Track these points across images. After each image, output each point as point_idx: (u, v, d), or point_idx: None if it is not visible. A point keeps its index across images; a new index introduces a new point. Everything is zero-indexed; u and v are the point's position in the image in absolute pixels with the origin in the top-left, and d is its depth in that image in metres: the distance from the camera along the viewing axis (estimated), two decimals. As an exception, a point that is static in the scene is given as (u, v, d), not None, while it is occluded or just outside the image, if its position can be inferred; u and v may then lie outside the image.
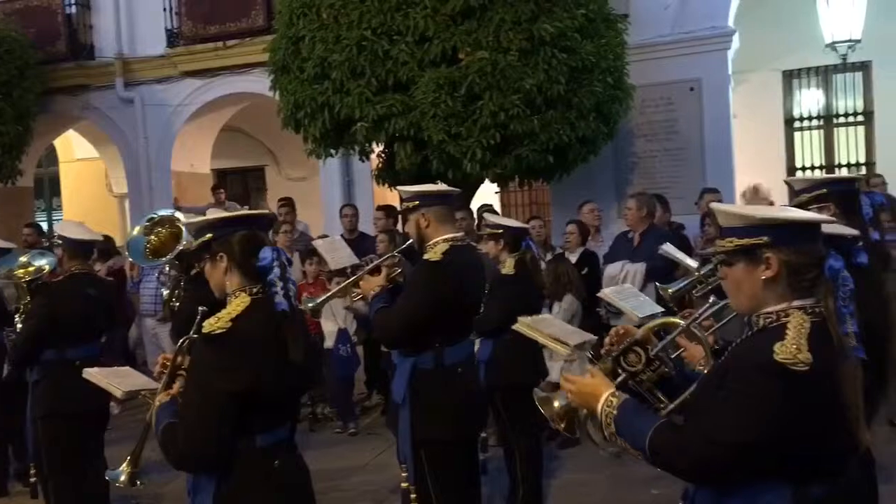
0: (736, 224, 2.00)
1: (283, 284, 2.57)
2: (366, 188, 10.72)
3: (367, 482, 5.58)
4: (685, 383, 2.19)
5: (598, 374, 2.19)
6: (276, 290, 2.55)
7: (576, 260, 6.67)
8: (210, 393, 2.44)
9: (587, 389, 2.15)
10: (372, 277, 3.75)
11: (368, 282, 3.75)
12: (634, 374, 2.24)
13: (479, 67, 7.08)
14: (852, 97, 12.16)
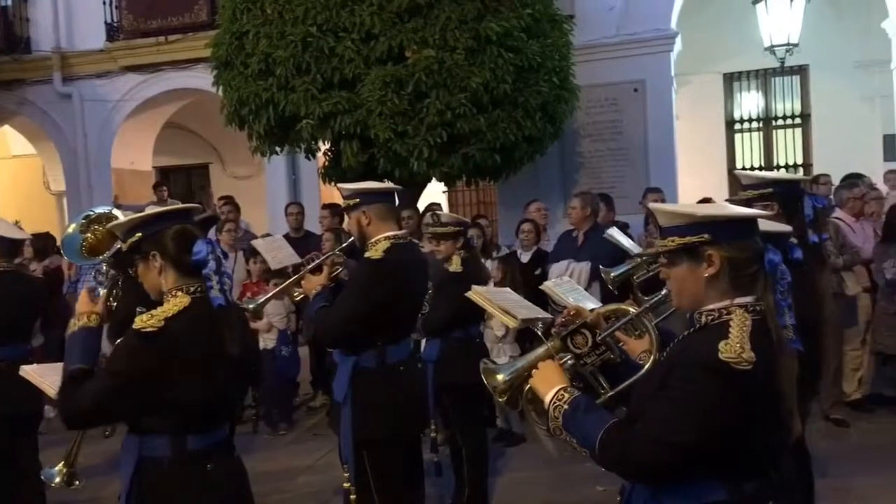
0: (677, 223, 2.00)
1: (219, 279, 2.51)
2: (312, 186, 10.62)
3: (310, 483, 5.51)
4: (629, 371, 2.20)
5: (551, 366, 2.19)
6: (211, 284, 2.49)
7: (528, 259, 6.69)
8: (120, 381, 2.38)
9: (542, 375, 2.16)
10: (313, 277, 3.70)
11: (310, 281, 3.70)
12: (580, 357, 2.26)
13: (425, 66, 7.06)
14: (790, 100, 12.50)
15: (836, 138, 11.38)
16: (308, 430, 6.80)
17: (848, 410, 6.24)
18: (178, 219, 2.59)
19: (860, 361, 6.30)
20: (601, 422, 1.97)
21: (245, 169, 13.84)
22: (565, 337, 2.26)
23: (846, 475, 5.07)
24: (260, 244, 5.56)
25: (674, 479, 1.92)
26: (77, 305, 2.73)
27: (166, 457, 2.46)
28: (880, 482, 5.00)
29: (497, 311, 2.74)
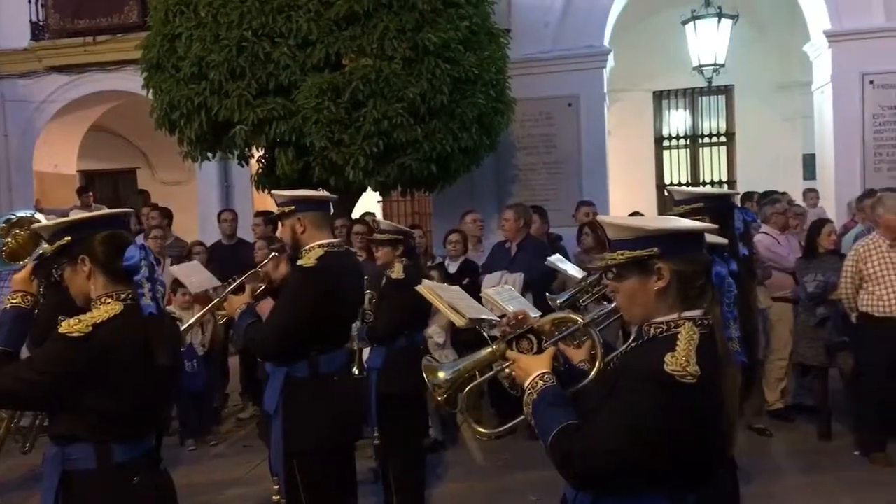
0: (626, 236, 2.01)
1: (151, 286, 2.44)
2: (245, 194, 10.45)
3: (240, 496, 5.38)
4: (572, 379, 2.18)
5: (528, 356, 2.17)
6: (142, 291, 2.42)
7: (456, 269, 6.70)
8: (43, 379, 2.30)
9: (522, 364, 2.14)
10: (235, 297, 3.63)
11: (232, 302, 3.63)
12: None
13: (362, 74, 7.03)
14: (716, 119, 12.91)
15: (758, 157, 11.81)
16: (238, 441, 6.65)
17: (769, 420, 6.43)
18: (109, 224, 2.51)
19: (784, 372, 6.52)
20: (558, 420, 1.96)
21: (175, 174, 13.53)
22: (511, 340, 2.25)
23: (768, 482, 5.22)
24: (177, 270, 5.47)
25: (616, 489, 1.93)
26: (13, 280, 2.62)
27: (91, 469, 2.37)
28: (799, 488, 5.17)
29: (445, 307, 2.72)
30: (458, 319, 2.64)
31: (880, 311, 5.46)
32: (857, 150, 9.04)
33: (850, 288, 5.63)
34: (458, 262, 6.76)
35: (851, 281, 5.61)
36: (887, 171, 8.92)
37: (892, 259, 5.46)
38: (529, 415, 2.05)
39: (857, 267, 5.57)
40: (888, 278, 5.44)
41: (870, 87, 8.98)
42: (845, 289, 5.66)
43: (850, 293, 5.64)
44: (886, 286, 5.45)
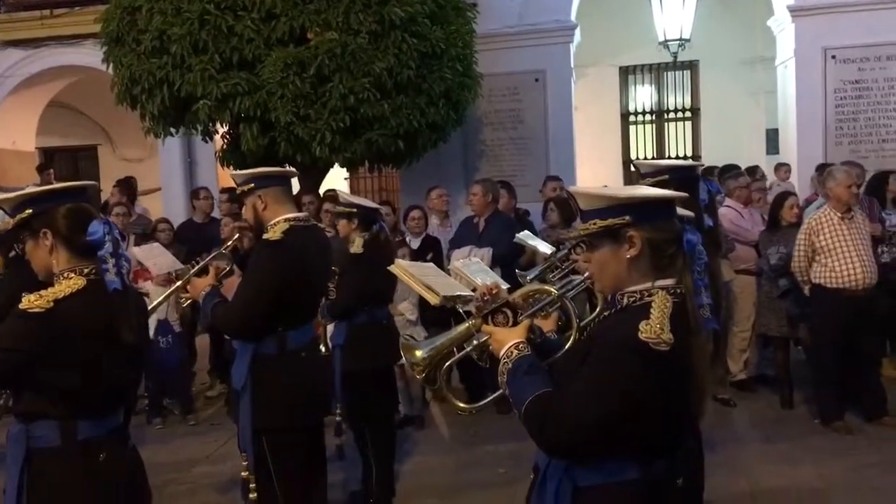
0: (598, 206, 2.01)
1: (116, 261, 2.40)
2: (209, 170, 10.31)
3: (208, 474, 5.37)
4: (548, 350, 2.20)
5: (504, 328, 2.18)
6: (106, 267, 2.38)
7: (418, 245, 6.69)
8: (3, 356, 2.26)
9: (498, 336, 2.14)
10: (199, 279, 3.59)
11: (196, 285, 3.59)
12: None
13: (328, 48, 6.94)
14: (681, 94, 12.99)
15: (723, 132, 11.91)
16: (206, 419, 6.62)
17: (733, 390, 6.55)
18: (72, 197, 2.46)
19: (747, 343, 6.63)
20: (532, 389, 1.97)
21: (137, 151, 13.30)
22: (487, 315, 2.25)
23: (732, 451, 5.33)
24: (139, 252, 5.39)
25: (588, 457, 1.95)
26: None
27: (56, 446, 2.35)
28: (762, 456, 5.29)
29: (419, 286, 2.71)
30: (433, 297, 2.63)
31: (832, 282, 5.57)
32: (819, 125, 9.15)
33: (803, 261, 5.73)
34: (419, 239, 6.74)
35: (804, 254, 5.71)
36: (848, 144, 9.06)
37: (843, 231, 5.56)
38: (504, 384, 2.06)
39: (810, 240, 5.66)
40: (839, 250, 5.54)
41: (832, 61, 9.09)
42: (798, 261, 5.75)
43: (803, 266, 5.74)
44: (838, 258, 5.55)
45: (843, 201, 5.59)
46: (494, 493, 4.71)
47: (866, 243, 5.61)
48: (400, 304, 5.94)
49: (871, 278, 5.54)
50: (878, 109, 9.04)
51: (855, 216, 5.64)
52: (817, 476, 4.94)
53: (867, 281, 5.52)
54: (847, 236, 5.54)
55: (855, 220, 5.61)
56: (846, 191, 5.58)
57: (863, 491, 4.67)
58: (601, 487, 1.96)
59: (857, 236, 5.56)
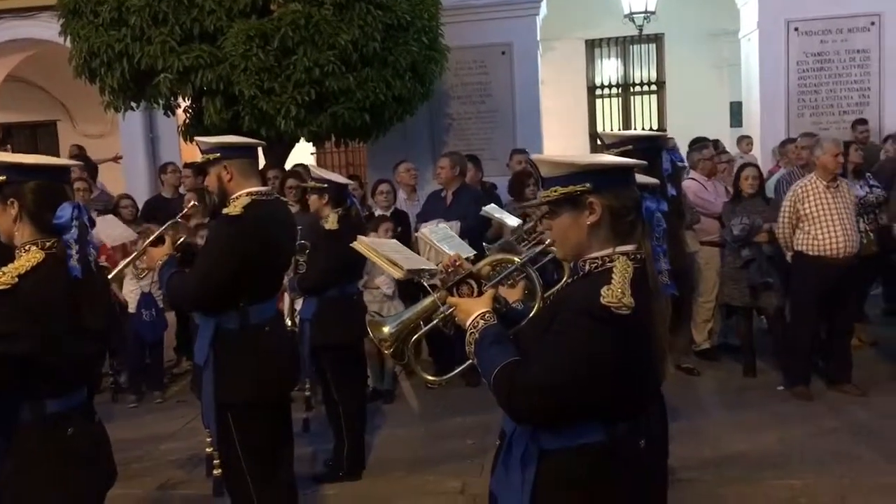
0: (559, 173, 2.03)
1: (80, 248, 2.37)
2: (172, 145, 10.14)
3: (174, 450, 5.34)
4: (513, 319, 2.22)
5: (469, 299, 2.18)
6: (71, 252, 2.35)
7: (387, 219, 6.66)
8: None
9: (463, 306, 2.15)
10: (156, 249, 3.53)
11: (152, 254, 3.54)
12: None
13: (291, 20, 6.84)
14: (647, 67, 13.04)
15: (688, 105, 11.99)
16: (173, 396, 6.57)
17: (697, 359, 6.66)
18: (49, 174, 2.43)
19: (711, 313, 6.73)
20: (500, 358, 1.98)
21: (97, 127, 13.02)
22: (451, 287, 2.26)
23: (696, 418, 5.43)
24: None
25: (554, 421, 1.98)
26: None
27: (26, 420, 2.34)
28: (726, 423, 5.39)
29: (382, 261, 2.70)
30: (396, 272, 2.62)
31: (814, 250, 5.65)
32: (782, 97, 9.26)
33: (787, 227, 5.79)
34: (388, 213, 6.72)
35: (789, 220, 5.77)
36: (810, 116, 9.17)
37: (827, 200, 5.63)
38: (472, 354, 2.08)
39: (795, 207, 5.72)
40: (823, 219, 5.61)
41: (794, 34, 9.17)
42: (782, 228, 5.82)
43: (786, 232, 5.81)
44: (821, 226, 5.62)
45: (829, 170, 5.65)
46: (463, 464, 4.75)
47: (850, 213, 5.67)
48: (377, 279, 5.94)
49: (853, 247, 5.62)
50: (839, 82, 9.16)
51: (841, 186, 5.71)
52: (779, 441, 5.05)
53: (848, 250, 5.59)
54: (832, 205, 5.61)
55: (840, 190, 5.68)
56: (833, 159, 5.64)
57: (823, 455, 4.79)
58: (566, 450, 1.99)
59: (842, 205, 5.63)
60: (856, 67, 9.10)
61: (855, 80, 9.12)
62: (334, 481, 4.71)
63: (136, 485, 4.75)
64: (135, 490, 4.68)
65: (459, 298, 2.21)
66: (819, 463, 4.68)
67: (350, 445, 4.77)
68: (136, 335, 6.35)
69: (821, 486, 4.38)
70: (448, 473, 4.74)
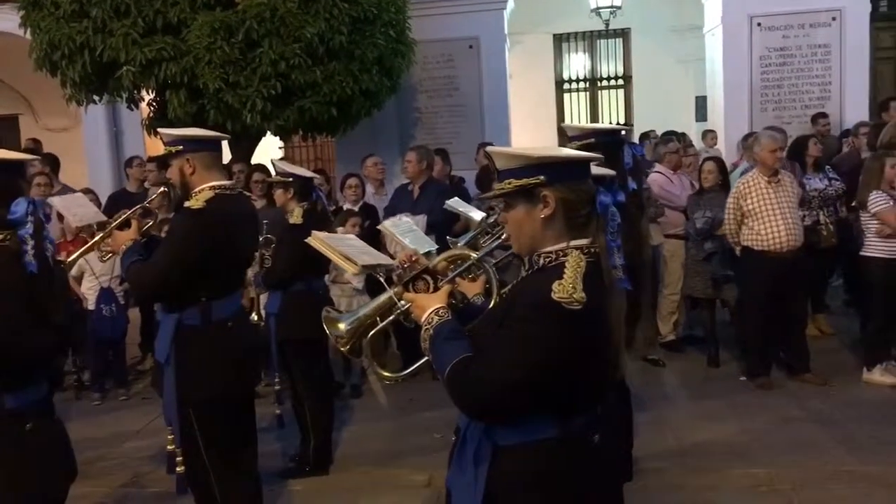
0: (513, 165, 2.02)
1: (36, 243, 2.33)
2: (136, 139, 10.01)
3: (137, 448, 5.27)
4: (471, 314, 2.21)
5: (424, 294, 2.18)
6: (26, 248, 2.32)
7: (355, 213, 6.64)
8: None
9: (419, 302, 2.15)
10: (122, 233, 3.48)
11: (117, 237, 3.47)
12: None
13: (257, 13, 6.79)
14: (614, 62, 13.13)
15: (654, 99, 12.11)
16: (137, 393, 6.50)
17: (663, 351, 6.73)
18: (3, 169, 2.39)
19: (675, 306, 6.81)
20: (453, 354, 1.97)
21: (60, 120, 12.79)
22: (407, 283, 2.25)
23: (661, 409, 5.49)
24: (58, 202, 5.17)
25: (508, 416, 1.98)
26: None
27: None
28: (690, 414, 5.45)
29: (337, 256, 2.68)
30: (351, 267, 2.61)
31: (758, 244, 5.74)
32: (746, 91, 9.38)
33: (733, 223, 5.89)
34: (357, 207, 6.70)
35: (734, 216, 5.87)
36: (773, 111, 9.31)
37: (769, 195, 5.72)
38: (427, 350, 2.07)
39: (738, 203, 5.82)
40: (765, 213, 5.71)
41: (757, 29, 9.29)
42: (728, 224, 5.92)
43: (733, 228, 5.91)
44: (764, 221, 5.71)
45: (768, 165, 5.75)
46: (430, 458, 4.75)
47: (793, 207, 5.76)
48: (346, 273, 5.91)
49: (796, 241, 5.72)
50: (801, 76, 9.31)
51: (783, 180, 5.79)
52: (741, 431, 5.12)
53: (791, 243, 5.69)
54: (773, 200, 5.70)
55: (782, 184, 5.77)
56: (771, 155, 5.73)
57: (784, 444, 4.86)
58: (520, 446, 1.99)
59: (784, 200, 5.72)
60: (817, 62, 9.25)
61: (816, 74, 9.27)
62: (301, 477, 4.70)
63: (99, 483, 4.69)
64: (98, 488, 4.63)
65: (415, 294, 2.20)
66: (780, 452, 4.75)
67: (317, 441, 4.75)
68: (95, 332, 6.26)
69: (781, 474, 4.45)
70: (415, 467, 4.74)
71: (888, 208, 5.58)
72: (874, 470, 4.44)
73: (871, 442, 4.80)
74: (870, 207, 5.65)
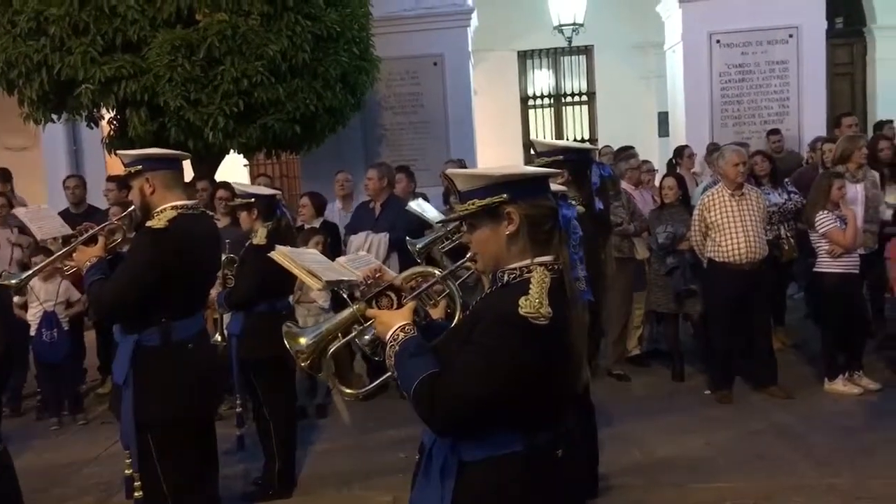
0: (475, 186, 2.03)
1: None
2: (96, 158, 9.89)
3: (96, 475, 5.15)
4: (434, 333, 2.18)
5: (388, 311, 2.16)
6: None
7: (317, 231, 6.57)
8: None
9: (383, 318, 2.12)
10: (87, 248, 3.42)
11: (83, 253, 3.41)
12: None
13: (218, 30, 6.75)
14: (578, 78, 13.25)
15: (618, 115, 12.23)
16: (97, 418, 6.36)
17: (630, 366, 6.76)
18: None
19: (641, 320, 6.85)
20: (419, 370, 1.95)
21: (19, 139, 12.53)
22: (370, 299, 2.22)
23: (627, 424, 5.50)
24: (23, 213, 5.05)
25: (474, 432, 1.97)
26: None
27: None
28: (659, 428, 5.47)
29: (301, 272, 2.63)
30: (315, 283, 2.57)
31: (721, 257, 5.81)
32: (706, 107, 9.52)
33: (699, 236, 5.96)
34: (315, 225, 6.63)
35: (699, 229, 5.94)
36: (732, 126, 9.45)
37: (732, 209, 5.80)
38: (392, 367, 2.05)
39: (703, 216, 5.89)
40: (728, 227, 5.78)
41: (717, 46, 9.44)
42: (694, 236, 5.99)
43: (698, 241, 5.98)
44: (727, 234, 5.78)
45: (731, 179, 5.82)
46: (395, 478, 4.70)
47: (755, 220, 5.82)
48: (312, 292, 5.85)
49: (757, 254, 5.79)
50: (760, 92, 9.47)
51: (747, 194, 5.87)
52: (705, 444, 5.15)
53: (752, 256, 5.76)
54: (736, 213, 5.77)
55: (746, 198, 5.84)
56: (734, 169, 5.81)
57: (748, 457, 4.90)
58: (486, 461, 1.99)
59: (747, 213, 5.79)
60: (775, 78, 9.42)
61: (775, 90, 9.45)
62: (264, 500, 4.62)
63: (56, 511, 4.59)
64: (55, 517, 4.53)
65: (378, 311, 2.19)
66: (744, 465, 4.78)
67: (281, 462, 4.69)
68: (37, 357, 6.14)
69: (745, 488, 4.48)
70: (379, 487, 4.69)
71: (835, 229, 5.69)
72: (837, 482, 4.48)
73: (833, 454, 4.86)
74: (817, 228, 5.77)
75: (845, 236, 5.70)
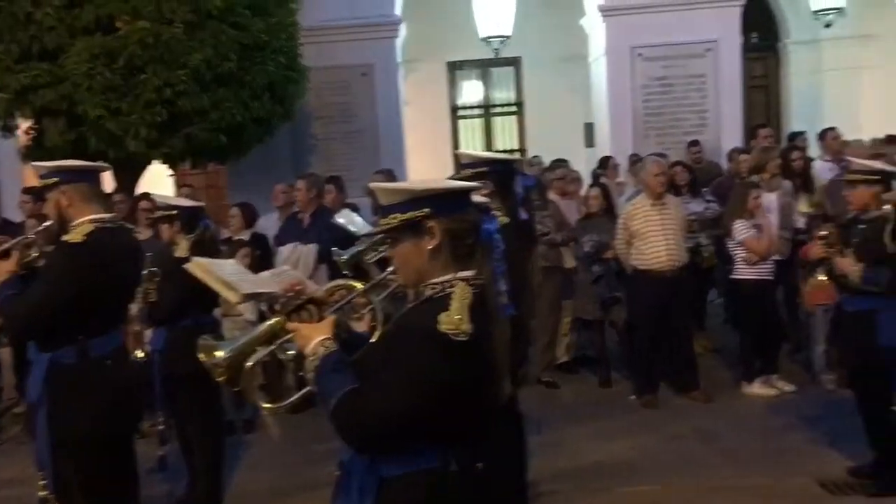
0: (397, 200, 2.03)
1: None
2: (12, 168, 9.53)
3: (12, 497, 4.96)
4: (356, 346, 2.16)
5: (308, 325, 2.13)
6: None
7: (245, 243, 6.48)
8: None
9: (303, 332, 2.09)
10: (0, 263, 3.30)
11: None
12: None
13: (139, 38, 6.61)
14: (507, 89, 13.42)
15: (545, 126, 12.39)
16: (13, 438, 6.12)
17: (559, 373, 6.85)
18: None
19: (568, 328, 6.95)
20: (339, 386, 1.94)
21: (-70, 149, 12.05)
22: (290, 312, 2.20)
23: (556, 431, 5.58)
24: None
25: (393, 448, 1.96)
26: None
27: None
28: (587, 433, 5.56)
29: (218, 284, 2.60)
30: (233, 296, 2.54)
31: (643, 264, 5.98)
32: (629, 119, 9.75)
33: (622, 244, 6.12)
34: (245, 236, 6.54)
35: (622, 238, 6.10)
36: (655, 137, 9.70)
37: (653, 218, 5.98)
38: (312, 381, 2.03)
39: (626, 225, 6.06)
40: (650, 235, 5.96)
41: (639, 59, 9.69)
42: (618, 245, 6.14)
43: (622, 248, 6.13)
44: (649, 242, 5.96)
45: (651, 189, 5.99)
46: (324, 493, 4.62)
47: (676, 229, 6.01)
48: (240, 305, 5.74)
49: (676, 261, 5.97)
50: (681, 105, 9.76)
51: (668, 203, 6.05)
52: (631, 448, 5.26)
53: (672, 263, 5.93)
54: (658, 222, 5.94)
55: (667, 207, 6.03)
56: (654, 179, 5.99)
57: (673, 460, 5.03)
58: (404, 477, 1.98)
59: (668, 222, 5.97)
60: (694, 91, 9.72)
61: (693, 102, 9.74)
62: (189, 520, 4.52)
63: (-32, 539, 4.39)
64: (-33, 544, 4.33)
65: (299, 324, 2.17)
66: (668, 468, 4.90)
67: (206, 481, 4.57)
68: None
69: (670, 491, 4.59)
70: (310, 502, 4.64)
71: (752, 237, 5.92)
72: (756, 482, 4.64)
73: (752, 455, 5.02)
74: (734, 236, 5.99)
75: (760, 244, 5.92)
